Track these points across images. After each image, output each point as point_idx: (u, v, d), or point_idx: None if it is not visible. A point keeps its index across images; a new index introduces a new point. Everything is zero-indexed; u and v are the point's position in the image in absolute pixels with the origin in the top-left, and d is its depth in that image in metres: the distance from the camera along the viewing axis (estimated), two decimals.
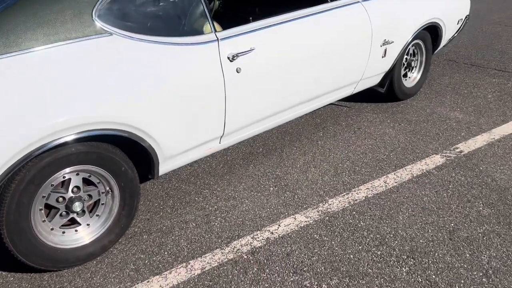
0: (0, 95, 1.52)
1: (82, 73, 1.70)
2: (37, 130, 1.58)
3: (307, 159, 2.72)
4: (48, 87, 1.62)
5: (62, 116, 1.63)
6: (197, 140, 2.18)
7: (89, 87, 1.70)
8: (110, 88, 1.75)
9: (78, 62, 1.70)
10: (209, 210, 2.27)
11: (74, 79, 1.67)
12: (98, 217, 1.96)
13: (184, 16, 2.19)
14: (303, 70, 2.49)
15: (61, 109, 1.63)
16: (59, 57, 1.66)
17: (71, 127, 1.66)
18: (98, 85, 1.72)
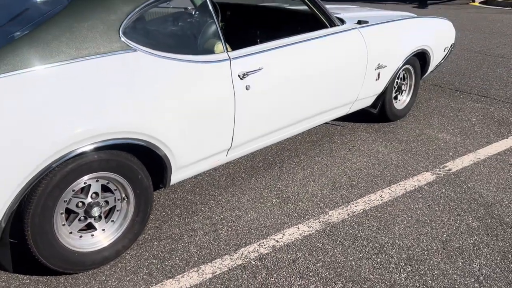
0: (35, 104, 1.63)
1: (108, 86, 1.82)
2: (65, 138, 1.68)
3: (306, 173, 2.86)
4: (77, 98, 1.73)
5: (89, 126, 1.74)
6: (207, 152, 2.30)
7: (113, 99, 1.82)
8: (131, 100, 1.87)
9: (104, 75, 1.82)
10: (216, 220, 2.38)
11: (101, 91, 1.79)
12: (113, 222, 2.05)
13: (199, 36, 2.35)
14: (304, 90, 2.66)
15: (88, 119, 1.74)
16: (88, 70, 1.78)
17: (95, 135, 1.77)
18: (121, 97, 1.84)
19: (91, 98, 1.76)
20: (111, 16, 1.88)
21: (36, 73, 1.67)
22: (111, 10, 1.89)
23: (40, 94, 1.65)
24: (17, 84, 1.62)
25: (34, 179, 1.65)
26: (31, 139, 1.61)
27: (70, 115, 1.70)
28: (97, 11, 1.86)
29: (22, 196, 1.65)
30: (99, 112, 1.77)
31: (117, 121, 1.83)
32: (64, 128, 1.68)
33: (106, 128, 1.79)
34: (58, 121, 1.67)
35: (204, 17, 2.49)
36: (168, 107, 2.00)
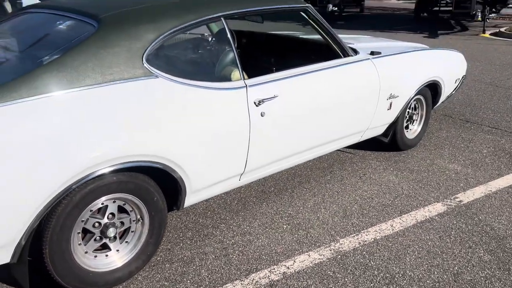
0: (60, 126, 1.69)
1: (130, 110, 1.89)
2: (86, 160, 1.74)
3: (317, 200, 2.88)
4: (99, 121, 1.79)
5: (109, 149, 1.80)
6: (221, 176, 2.34)
7: (134, 123, 1.88)
8: (151, 124, 1.94)
9: (127, 100, 1.89)
10: (227, 244, 2.40)
11: (123, 115, 1.86)
12: (127, 243, 2.08)
13: (217, 63, 2.42)
14: (318, 117, 2.71)
15: (109, 142, 1.80)
16: (111, 95, 1.86)
17: (115, 158, 1.82)
18: (142, 122, 1.91)
19: (113, 122, 1.82)
20: (136, 44, 1.97)
21: (63, 97, 1.74)
22: (135, 38, 1.97)
23: (66, 117, 1.72)
24: (45, 106, 1.69)
25: (55, 199, 1.70)
26: (54, 159, 1.67)
27: (92, 138, 1.76)
28: (122, 38, 1.94)
29: (43, 215, 1.70)
30: (120, 136, 1.83)
31: (136, 145, 1.88)
32: (85, 150, 1.74)
33: (125, 151, 1.85)
34: (81, 143, 1.73)
35: (222, 45, 2.58)
36: (185, 132, 2.06)
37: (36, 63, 1.90)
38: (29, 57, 2.08)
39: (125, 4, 2.21)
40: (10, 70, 2.00)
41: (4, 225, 1.61)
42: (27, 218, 1.65)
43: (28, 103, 1.66)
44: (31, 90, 1.68)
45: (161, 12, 2.15)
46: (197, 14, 2.22)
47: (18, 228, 1.65)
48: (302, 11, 2.75)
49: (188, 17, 2.18)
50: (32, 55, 2.08)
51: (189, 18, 2.18)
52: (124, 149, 1.84)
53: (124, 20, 2.03)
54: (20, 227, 1.66)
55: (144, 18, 2.08)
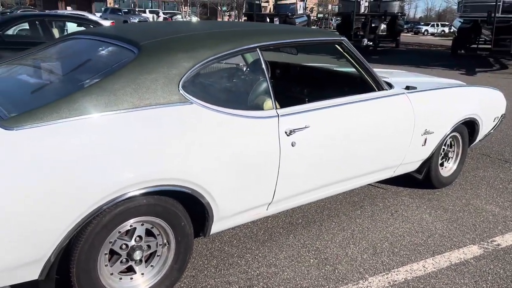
0: (96, 147, 1.74)
1: (162, 135, 1.92)
2: (117, 182, 1.77)
3: (346, 235, 2.80)
4: (133, 144, 1.83)
5: (141, 172, 1.82)
6: (248, 204, 2.33)
7: (166, 147, 1.91)
8: (182, 150, 1.96)
9: (161, 125, 1.93)
10: (252, 275, 2.36)
11: (155, 140, 1.89)
12: (152, 267, 2.08)
13: (250, 92, 2.45)
14: (349, 150, 2.67)
15: (141, 165, 1.83)
16: (146, 119, 1.90)
17: (146, 181, 1.85)
18: (174, 146, 1.94)
19: (146, 145, 1.86)
20: (173, 71, 2.02)
21: (101, 119, 1.80)
22: (173, 65, 2.03)
23: (102, 138, 1.77)
24: (83, 127, 1.75)
25: (86, 218, 1.72)
26: (88, 179, 1.70)
27: (125, 160, 1.80)
28: (160, 65, 2.00)
29: (73, 233, 1.73)
30: (151, 159, 1.86)
31: (167, 169, 1.91)
32: (118, 172, 1.77)
33: (156, 175, 1.87)
34: (114, 164, 1.77)
35: (256, 75, 2.62)
36: (215, 158, 2.07)
37: (77, 86, 1.98)
38: (72, 80, 2.18)
39: (164, 33, 2.29)
40: (53, 92, 2.09)
41: (36, 242, 1.65)
42: (57, 236, 1.68)
43: (67, 123, 1.72)
44: (71, 111, 1.74)
45: (198, 41, 2.22)
46: (233, 44, 2.27)
47: (48, 245, 1.68)
48: (337, 44, 2.77)
49: (225, 47, 2.23)
50: (75, 78, 2.18)
51: (226, 48, 2.23)
52: (155, 173, 1.87)
53: (163, 48, 2.10)
54: (50, 244, 1.69)
55: (182, 47, 2.14)
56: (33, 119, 1.67)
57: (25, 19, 6.74)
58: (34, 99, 1.98)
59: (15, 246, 1.61)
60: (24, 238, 1.62)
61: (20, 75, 2.47)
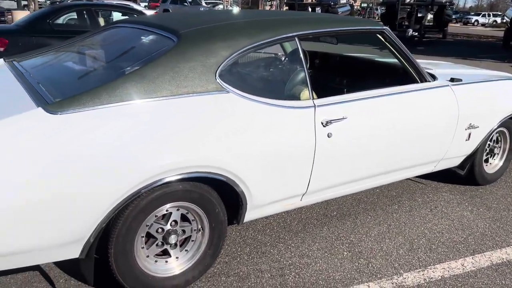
0: (135, 133, 1.79)
1: (199, 123, 1.94)
2: (155, 167, 1.81)
3: (382, 229, 2.75)
4: (170, 131, 1.87)
5: (178, 158, 1.86)
6: (282, 194, 2.33)
7: (202, 135, 1.94)
8: (218, 138, 1.98)
9: (197, 113, 1.96)
10: (284, 264, 2.36)
11: (192, 127, 1.92)
12: (187, 252, 2.13)
13: (287, 81, 2.44)
14: (388, 143, 2.61)
15: (178, 151, 1.87)
16: (183, 107, 1.93)
17: (182, 167, 1.88)
18: (210, 134, 1.96)
19: (183, 133, 1.89)
20: (211, 60, 2.04)
21: (140, 105, 1.84)
22: (211, 54, 2.04)
23: (141, 124, 1.81)
24: (123, 113, 1.80)
25: (125, 201, 1.78)
26: (127, 163, 1.76)
27: (162, 146, 1.84)
28: (199, 54, 2.03)
29: (112, 215, 1.79)
30: (188, 146, 1.89)
31: (203, 156, 1.93)
32: (155, 158, 1.81)
33: (192, 161, 1.90)
34: (152, 150, 1.81)
35: (293, 64, 2.60)
36: (250, 147, 2.07)
37: (118, 73, 2.04)
38: (113, 67, 2.24)
39: (203, 22, 2.31)
40: (95, 78, 2.16)
41: (78, 222, 1.72)
42: (97, 217, 1.75)
43: (108, 109, 1.78)
44: (112, 98, 1.80)
45: (236, 30, 2.22)
46: (271, 33, 2.26)
47: (88, 226, 1.75)
48: (379, 33, 2.69)
49: (262, 36, 2.22)
50: (116, 65, 2.24)
51: (263, 37, 2.22)
52: (191, 160, 1.90)
53: (202, 37, 2.12)
54: (90, 225, 1.76)
55: (220, 35, 2.15)
56: (76, 104, 1.74)
57: (73, 8, 6.98)
58: (78, 85, 2.06)
59: (58, 225, 1.70)
60: (67, 218, 1.70)
61: (65, 62, 2.57)
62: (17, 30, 6.41)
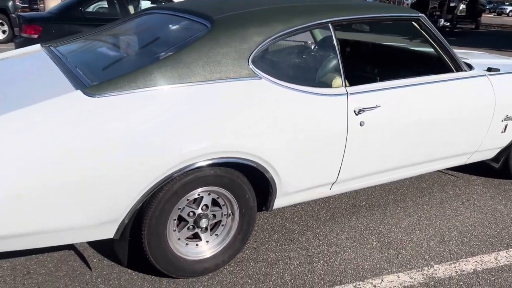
0: (169, 117, 1.81)
1: (231, 108, 1.95)
2: (188, 152, 1.83)
3: (412, 221, 2.71)
4: (203, 116, 1.88)
5: (209, 143, 1.87)
6: (312, 182, 2.32)
7: (234, 120, 1.94)
8: (250, 124, 1.98)
9: (230, 98, 1.96)
10: (312, 252, 2.36)
11: (224, 112, 1.93)
12: (217, 236, 2.15)
13: (319, 69, 2.41)
14: (421, 134, 2.55)
15: (210, 136, 1.88)
16: (216, 92, 1.94)
17: (214, 152, 1.90)
18: (241, 120, 1.96)
19: (215, 118, 1.90)
20: (244, 45, 2.03)
21: (174, 90, 1.86)
22: (244, 40, 2.04)
23: (175, 109, 1.83)
24: (157, 98, 1.82)
25: (158, 184, 1.81)
26: (160, 148, 1.78)
27: (195, 131, 1.85)
28: (232, 39, 2.02)
29: (146, 198, 1.83)
30: (220, 132, 1.90)
31: (234, 141, 1.94)
32: (188, 142, 1.83)
33: (223, 147, 1.91)
34: (185, 135, 1.83)
35: (326, 51, 2.56)
36: (281, 134, 2.07)
37: (153, 58, 2.06)
38: (148, 53, 2.27)
39: (237, 7, 2.30)
40: (130, 63, 2.19)
41: (113, 204, 1.76)
42: (132, 199, 1.78)
43: (143, 93, 1.81)
44: (147, 82, 1.82)
45: (270, 16, 2.20)
46: (305, 19, 2.23)
47: (123, 208, 1.79)
48: (414, 21, 2.62)
49: (296, 22, 2.20)
50: (150, 51, 2.26)
51: (297, 23, 2.20)
52: (222, 145, 1.91)
53: (235, 22, 2.12)
54: (125, 207, 1.80)
55: (254, 21, 2.14)
56: (113, 87, 1.77)
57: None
58: (113, 69, 2.09)
59: (95, 206, 1.74)
60: (103, 199, 1.74)
61: (100, 48, 2.61)
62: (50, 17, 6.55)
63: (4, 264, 2.16)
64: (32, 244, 1.76)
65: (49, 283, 2.04)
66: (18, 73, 2.25)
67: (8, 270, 2.12)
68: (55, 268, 2.15)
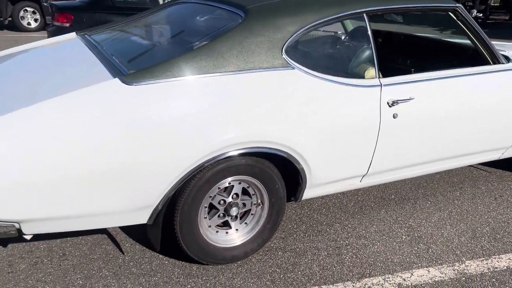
0: (202, 107, 1.83)
1: (263, 98, 1.95)
2: (220, 141, 1.84)
3: (443, 215, 2.67)
4: (235, 105, 1.89)
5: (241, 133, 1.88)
6: (342, 174, 2.30)
7: (266, 110, 1.95)
8: (282, 114, 1.98)
9: (262, 88, 1.96)
10: (340, 244, 2.36)
11: (256, 102, 1.93)
12: (246, 225, 2.18)
13: (353, 60, 2.38)
14: (454, 127, 2.50)
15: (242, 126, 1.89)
16: (249, 82, 1.94)
17: (245, 142, 1.90)
18: (273, 110, 1.96)
19: (248, 108, 1.91)
20: (277, 35, 2.03)
21: (208, 79, 1.88)
22: (278, 30, 2.03)
23: (208, 98, 1.85)
24: (192, 87, 1.84)
25: (191, 172, 1.84)
26: (193, 137, 1.80)
27: (227, 120, 1.86)
28: (266, 29, 2.02)
29: (179, 185, 1.86)
30: (252, 122, 1.91)
31: (266, 131, 1.94)
32: (220, 132, 1.85)
33: (255, 137, 1.92)
34: (217, 124, 1.84)
35: (360, 42, 2.52)
36: (313, 125, 2.06)
37: (187, 47, 2.08)
38: (182, 42, 2.29)
39: None
40: (165, 52, 2.22)
41: (148, 190, 1.80)
42: (166, 186, 1.82)
43: (178, 82, 1.83)
44: (182, 71, 1.84)
45: (304, 6, 2.18)
46: (339, 9, 2.20)
47: (157, 194, 1.83)
48: (451, 11, 2.55)
49: (330, 12, 2.18)
50: (185, 40, 2.28)
51: (331, 13, 2.18)
52: (254, 135, 1.92)
53: (269, 12, 2.11)
54: (158, 193, 1.83)
55: (288, 11, 2.13)
56: (149, 76, 1.80)
57: None
58: (149, 58, 2.12)
59: (130, 192, 1.78)
60: (138, 185, 1.78)
61: (134, 37, 2.65)
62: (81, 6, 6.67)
63: (41, 245, 2.24)
64: (68, 227, 1.82)
65: (84, 265, 2.10)
66: (57, 61, 2.30)
67: (45, 251, 2.20)
68: (89, 251, 2.22)
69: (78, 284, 1.98)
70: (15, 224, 1.70)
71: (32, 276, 2.02)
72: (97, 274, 2.05)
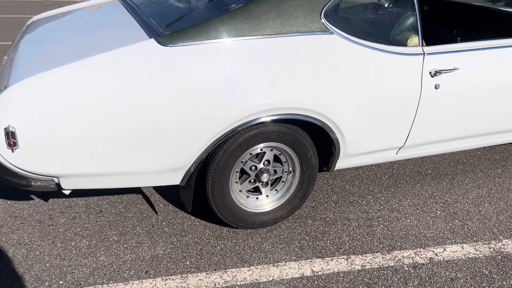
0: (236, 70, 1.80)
1: (300, 63, 1.90)
2: (253, 106, 1.82)
3: (481, 193, 2.57)
4: (270, 70, 1.85)
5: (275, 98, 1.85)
6: (378, 146, 2.25)
7: (302, 76, 1.90)
8: (319, 80, 1.93)
9: (300, 53, 1.91)
10: (372, 215, 2.33)
11: (293, 67, 1.89)
12: (277, 191, 2.18)
13: (395, 26, 2.28)
14: (500, 101, 2.37)
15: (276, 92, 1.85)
16: (286, 46, 1.89)
17: (279, 108, 1.88)
18: (310, 76, 1.91)
19: (283, 73, 1.87)
20: None
21: (244, 42, 1.84)
22: None
23: (244, 62, 1.82)
24: (228, 50, 1.81)
25: (223, 136, 1.84)
26: (226, 100, 1.79)
27: (261, 85, 1.84)
28: None
29: (211, 149, 1.87)
30: (287, 87, 1.87)
31: (301, 98, 1.91)
32: (253, 97, 1.82)
33: (289, 103, 1.89)
34: (251, 89, 1.82)
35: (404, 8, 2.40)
36: (351, 92, 2.00)
37: (224, 10, 2.04)
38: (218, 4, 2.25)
39: None
40: (201, 14, 2.19)
41: (181, 152, 1.82)
42: (199, 149, 1.83)
43: (214, 44, 1.81)
44: (218, 33, 1.82)
45: None
46: None
47: (190, 156, 1.85)
48: None
49: None
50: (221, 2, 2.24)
51: None
52: (289, 101, 1.88)
53: None
54: (192, 156, 1.85)
55: None
56: (185, 37, 1.78)
57: None
58: (185, 20, 2.10)
59: (164, 153, 1.81)
60: (172, 147, 1.80)
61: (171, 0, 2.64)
62: None
63: (79, 201, 2.34)
64: (104, 184, 1.88)
65: (119, 222, 2.18)
66: (96, 22, 2.33)
67: (82, 207, 2.29)
68: (124, 209, 2.30)
69: (113, 239, 2.06)
70: (54, 179, 1.77)
71: (70, 229, 2.12)
72: (131, 231, 2.12)
